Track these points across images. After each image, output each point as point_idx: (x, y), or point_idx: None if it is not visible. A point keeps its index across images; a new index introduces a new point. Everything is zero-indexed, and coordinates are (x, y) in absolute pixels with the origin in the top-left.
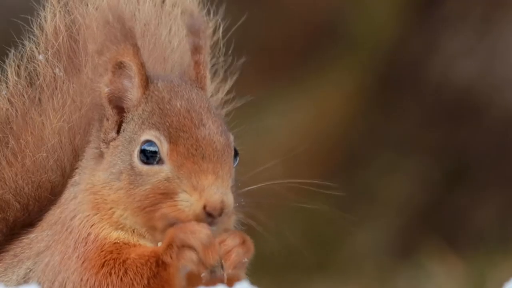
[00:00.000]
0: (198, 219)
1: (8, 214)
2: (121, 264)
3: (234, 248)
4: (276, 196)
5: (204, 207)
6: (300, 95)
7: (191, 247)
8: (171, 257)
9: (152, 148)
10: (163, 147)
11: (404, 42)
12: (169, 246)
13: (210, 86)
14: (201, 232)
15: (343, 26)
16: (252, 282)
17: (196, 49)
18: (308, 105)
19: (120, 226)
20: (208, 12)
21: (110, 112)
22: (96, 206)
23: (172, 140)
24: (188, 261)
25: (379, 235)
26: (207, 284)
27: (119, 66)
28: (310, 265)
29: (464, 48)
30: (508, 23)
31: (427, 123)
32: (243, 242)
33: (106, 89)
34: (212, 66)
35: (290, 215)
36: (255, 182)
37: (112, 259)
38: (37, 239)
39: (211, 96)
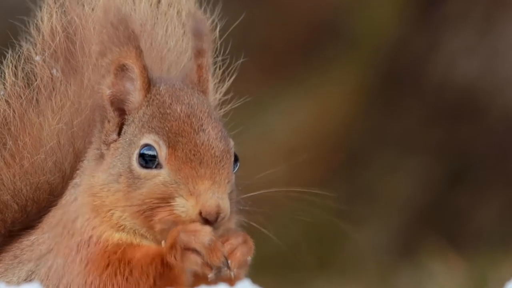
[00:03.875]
0: None
1: (6, 215)
2: (126, 264)
3: (239, 247)
4: (276, 201)
5: (200, 213)
6: (301, 94)
7: (194, 250)
8: (175, 258)
9: (151, 152)
10: (162, 152)
11: (405, 41)
12: (173, 246)
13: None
14: (203, 233)
15: (345, 25)
16: (254, 281)
17: (199, 53)
18: (309, 104)
19: (121, 227)
20: (206, 11)
21: (111, 114)
22: (96, 208)
23: (171, 145)
24: (192, 264)
25: (380, 234)
26: (211, 282)
27: (122, 69)
28: (311, 265)
29: (465, 47)
30: (509, 22)
31: (428, 122)
32: (245, 241)
33: (108, 91)
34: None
35: (290, 215)
36: (257, 185)
37: (116, 259)
38: (38, 241)
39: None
